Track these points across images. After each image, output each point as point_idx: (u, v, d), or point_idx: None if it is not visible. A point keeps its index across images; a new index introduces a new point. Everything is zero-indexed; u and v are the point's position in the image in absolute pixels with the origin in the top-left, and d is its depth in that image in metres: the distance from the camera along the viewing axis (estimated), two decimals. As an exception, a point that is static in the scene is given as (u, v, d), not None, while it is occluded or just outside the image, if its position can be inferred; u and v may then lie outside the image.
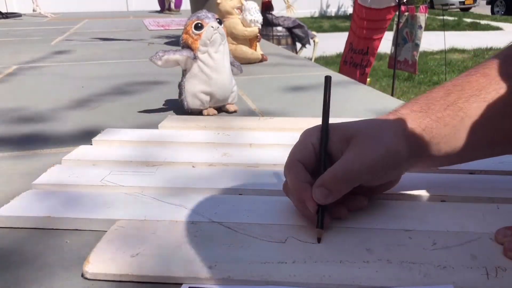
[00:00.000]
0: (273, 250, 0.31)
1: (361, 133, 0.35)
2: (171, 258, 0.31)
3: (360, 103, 0.74)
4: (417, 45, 2.12)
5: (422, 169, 0.42)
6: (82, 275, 0.30)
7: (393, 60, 2.27)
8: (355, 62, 2.40)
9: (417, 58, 2.16)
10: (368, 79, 2.62)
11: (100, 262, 0.30)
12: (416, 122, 0.36)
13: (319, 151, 0.35)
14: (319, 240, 0.32)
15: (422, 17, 2.08)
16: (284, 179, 0.36)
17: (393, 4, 2.16)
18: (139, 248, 0.32)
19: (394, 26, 2.26)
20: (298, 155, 0.36)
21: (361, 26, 2.36)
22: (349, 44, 2.48)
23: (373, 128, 0.36)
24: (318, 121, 0.37)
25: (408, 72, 2.24)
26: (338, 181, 0.33)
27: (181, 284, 0.29)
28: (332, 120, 0.36)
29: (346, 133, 0.35)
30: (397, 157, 0.34)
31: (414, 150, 0.35)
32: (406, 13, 2.18)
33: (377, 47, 2.30)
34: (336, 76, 0.97)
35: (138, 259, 0.31)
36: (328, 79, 0.38)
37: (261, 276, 0.29)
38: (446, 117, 0.36)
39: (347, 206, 0.35)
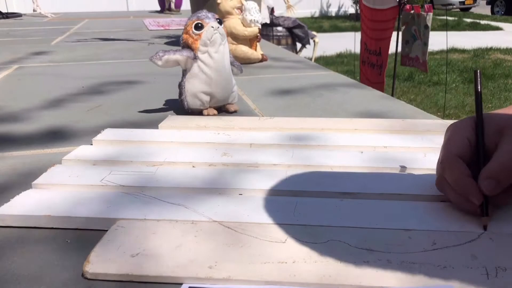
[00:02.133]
0: (273, 250, 0.32)
1: None
2: (171, 258, 0.31)
3: (360, 103, 0.74)
4: (426, 45, 2.11)
5: None
6: (82, 275, 0.30)
7: (406, 58, 2.26)
8: (372, 63, 2.40)
9: (427, 57, 2.15)
10: None
11: (100, 262, 0.30)
12: None
13: (476, 145, 0.36)
14: (485, 228, 0.34)
15: (428, 16, 2.07)
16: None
17: (396, 4, 2.16)
18: (139, 248, 0.32)
19: (398, 26, 2.26)
20: (455, 150, 0.36)
21: (370, 27, 2.36)
22: (363, 44, 2.48)
23: None
24: (317, 121, 0.37)
25: (419, 69, 2.23)
26: (506, 171, 0.33)
27: (181, 284, 0.29)
28: (332, 119, 0.36)
29: (498, 125, 0.36)
30: None
31: None
32: (412, 11, 2.18)
33: (388, 47, 2.30)
34: (336, 77, 0.97)
35: (138, 259, 0.31)
36: (477, 73, 0.39)
37: (261, 276, 0.29)
38: None
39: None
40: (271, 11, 3.44)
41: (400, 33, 2.23)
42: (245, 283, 0.28)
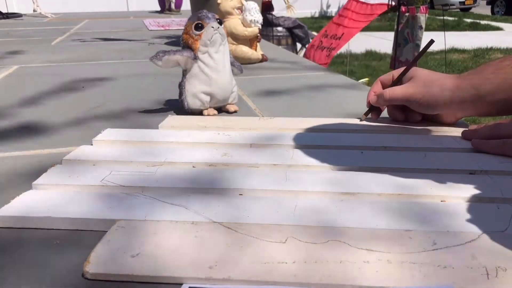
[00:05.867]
0: (273, 250, 0.32)
1: (418, 78, 0.54)
2: (171, 258, 0.31)
3: (360, 103, 0.74)
4: (418, 46, 2.12)
5: (475, 114, 0.54)
6: (82, 275, 0.30)
7: (396, 61, 2.28)
8: (323, 46, 2.54)
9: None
10: (366, 79, 2.63)
11: (100, 262, 0.30)
12: (466, 80, 0.51)
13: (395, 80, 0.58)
14: (360, 120, 0.60)
15: (422, 17, 2.08)
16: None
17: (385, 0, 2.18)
18: (139, 248, 0.32)
19: (395, 27, 2.27)
20: (382, 77, 0.60)
21: (345, 16, 2.43)
22: (323, 31, 2.62)
23: (428, 79, 0.53)
24: (317, 121, 0.37)
25: None
26: (383, 96, 0.56)
27: (181, 284, 0.29)
28: (332, 119, 0.36)
29: (411, 74, 0.55)
30: (432, 101, 0.52)
31: (458, 99, 0.51)
32: (407, 14, 2.18)
33: (353, 35, 2.39)
34: (336, 77, 0.97)
35: (138, 259, 0.31)
36: (431, 42, 0.56)
37: (261, 276, 0.29)
38: (492, 78, 0.49)
39: (408, 117, 0.58)
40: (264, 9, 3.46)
41: (394, 34, 2.24)
42: (245, 283, 0.28)
